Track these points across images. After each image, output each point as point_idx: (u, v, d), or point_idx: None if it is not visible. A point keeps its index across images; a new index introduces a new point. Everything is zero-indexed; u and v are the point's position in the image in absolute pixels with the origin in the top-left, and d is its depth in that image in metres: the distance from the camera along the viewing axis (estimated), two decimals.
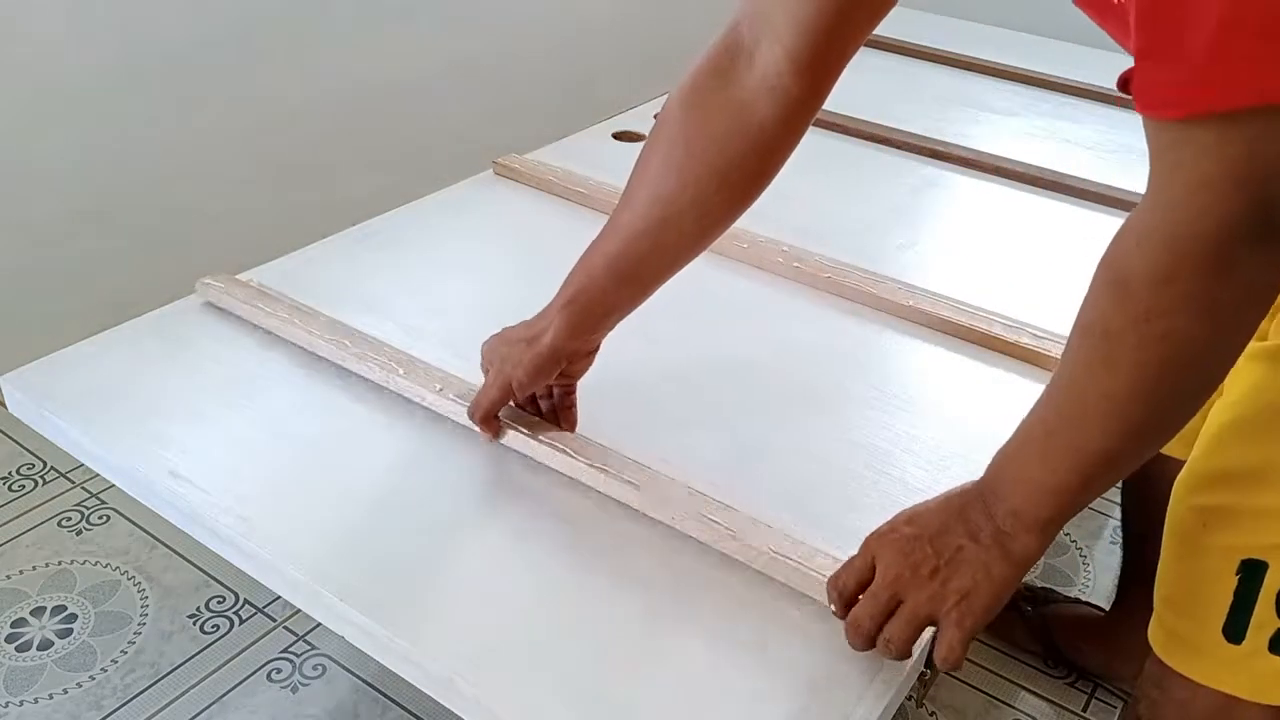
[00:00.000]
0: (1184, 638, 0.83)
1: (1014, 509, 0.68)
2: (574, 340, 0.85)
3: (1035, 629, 1.37)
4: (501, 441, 0.90)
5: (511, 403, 0.89)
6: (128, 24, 1.67)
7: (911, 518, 0.71)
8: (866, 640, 0.71)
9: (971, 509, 0.70)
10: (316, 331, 1.01)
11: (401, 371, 0.97)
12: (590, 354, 0.89)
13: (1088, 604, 1.42)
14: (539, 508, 0.87)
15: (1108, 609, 1.39)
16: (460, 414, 0.92)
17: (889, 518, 0.76)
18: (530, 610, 0.77)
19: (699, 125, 0.80)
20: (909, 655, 0.70)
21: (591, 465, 0.87)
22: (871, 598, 0.70)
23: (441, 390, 0.94)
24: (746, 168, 0.81)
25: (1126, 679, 1.33)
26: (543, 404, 0.92)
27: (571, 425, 0.90)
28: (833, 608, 0.73)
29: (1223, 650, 0.80)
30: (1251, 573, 0.77)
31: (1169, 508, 0.84)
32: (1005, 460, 0.70)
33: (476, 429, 0.90)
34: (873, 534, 0.73)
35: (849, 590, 0.72)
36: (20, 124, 1.61)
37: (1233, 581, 0.78)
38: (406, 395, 0.96)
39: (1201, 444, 0.82)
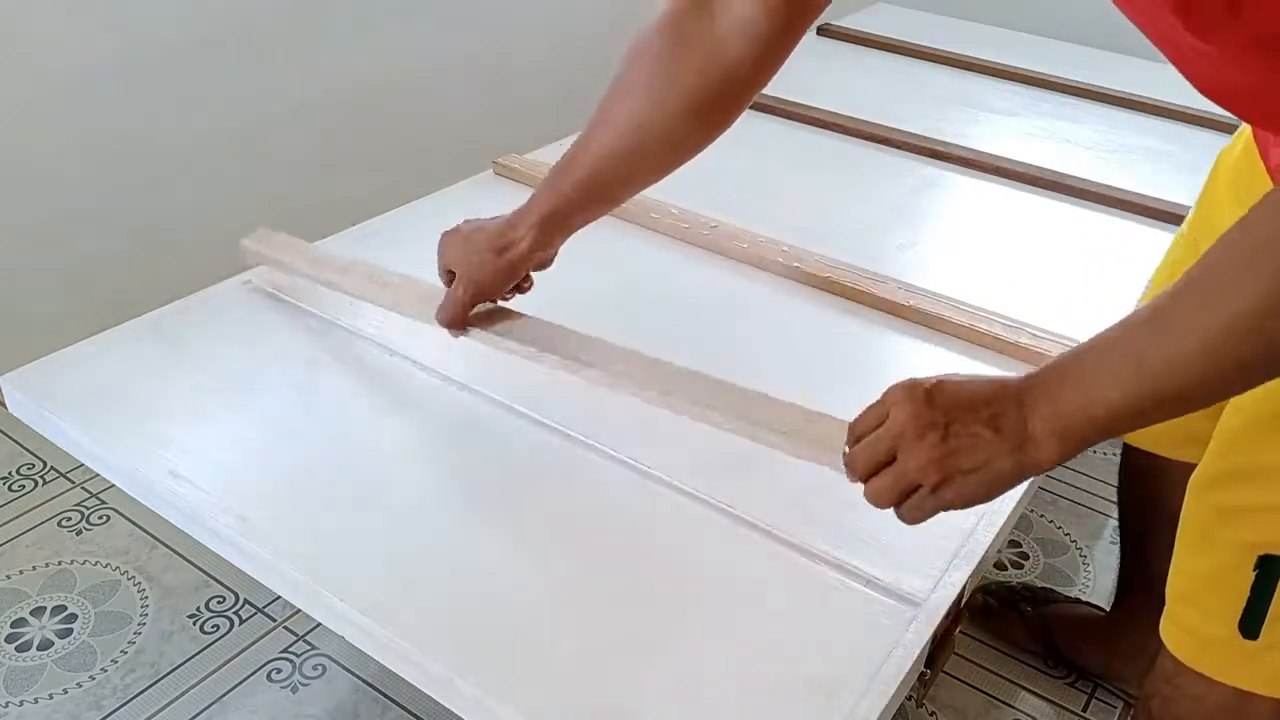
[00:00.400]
0: (1199, 634, 0.83)
1: (1053, 414, 0.64)
2: (544, 250, 0.91)
3: (1035, 629, 1.37)
4: (465, 337, 0.93)
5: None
6: (127, 24, 1.67)
7: (940, 386, 0.67)
8: (855, 476, 0.70)
9: (1005, 403, 0.65)
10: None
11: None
12: (550, 259, 0.94)
13: (1087, 604, 1.42)
14: (539, 509, 0.87)
15: (1107, 609, 1.39)
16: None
17: (883, 513, 0.76)
18: (530, 610, 0.77)
19: (675, 59, 0.83)
20: (886, 508, 0.69)
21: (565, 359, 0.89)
22: (871, 444, 0.68)
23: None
24: (718, 103, 0.85)
25: (1127, 679, 1.33)
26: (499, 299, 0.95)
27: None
28: (846, 448, 0.71)
29: (1238, 646, 0.80)
30: (1268, 568, 0.77)
31: (1184, 505, 0.84)
32: (1066, 370, 0.65)
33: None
34: (900, 383, 0.69)
35: (860, 432, 0.70)
36: (20, 124, 1.61)
37: (1250, 577, 0.78)
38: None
39: (1217, 442, 0.82)
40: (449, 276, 0.93)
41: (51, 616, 1.36)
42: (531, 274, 0.95)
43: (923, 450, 0.65)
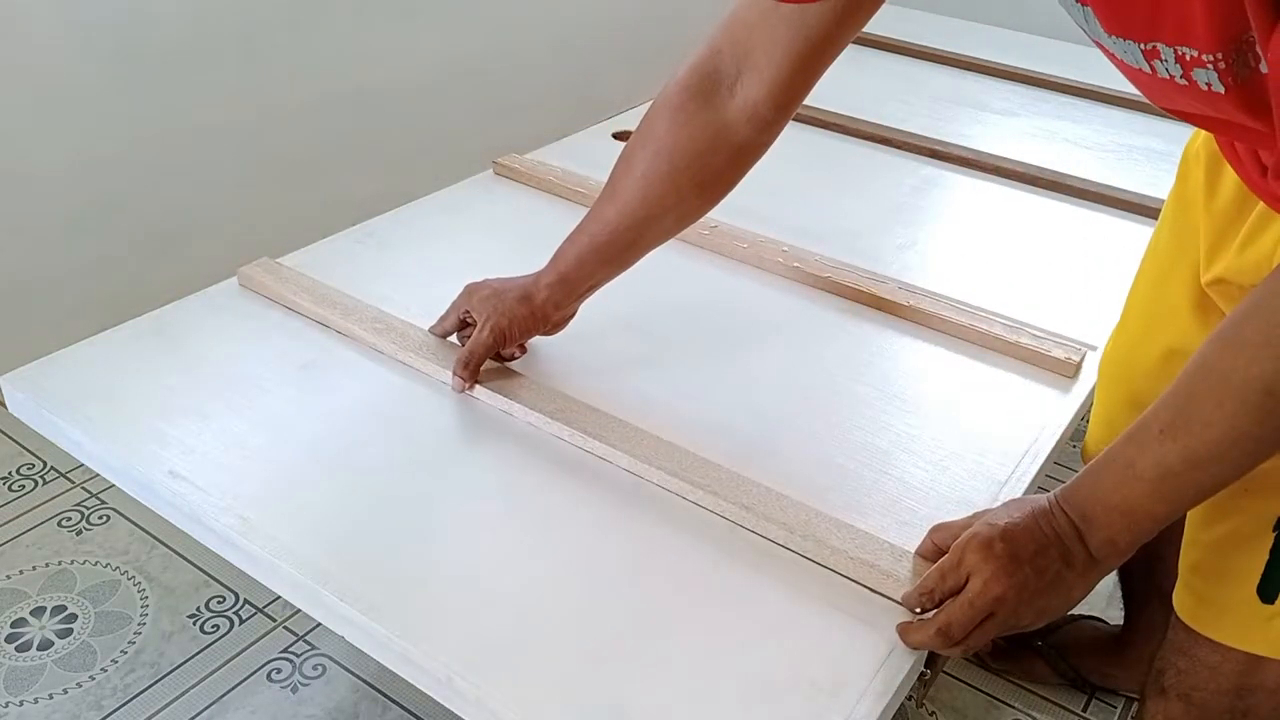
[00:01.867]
0: (1214, 601, 0.84)
1: (1111, 538, 0.71)
2: (560, 309, 1.00)
3: (1054, 661, 1.34)
4: (473, 394, 0.97)
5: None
6: (126, 24, 1.67)
7: (1005, 535, 0.72)
8: (950, 645, 0.73)
9: (1064, 535, 0.72)
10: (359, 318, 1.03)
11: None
12: (569, 318, 1.03)
13: (1090, 619, 1.39)
14: (540, 509, 0.87)
15: (1109, 621, 1.36)
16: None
17: (888, 509, 0.77)
18: (530, 610, 0.77)
19: (684, 142, 0.90)
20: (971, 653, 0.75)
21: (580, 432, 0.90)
22: (968, 608, 0.72)
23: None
24: (724, 178, 0.93)
25: None
26: (504, 353, 1.01)
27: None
28: (918, 610, 0.76)
29: (1256, 610, 0.80)
30: None
31: None
32: (1106, 492, 0.71)
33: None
34: (966, 544, 0.73)
35: (942, 596, 0.74)
36: (20, 124, 1.61)
37: (1269, 540, 0.79)
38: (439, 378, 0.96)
39: None
40: (461, 324, 1.01)
41: (51, 616, 1.36)
42: (524, 343, 1.02)
43: (1025, 609, 0.72)
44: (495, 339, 0.97)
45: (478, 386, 0.97)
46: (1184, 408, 0.67)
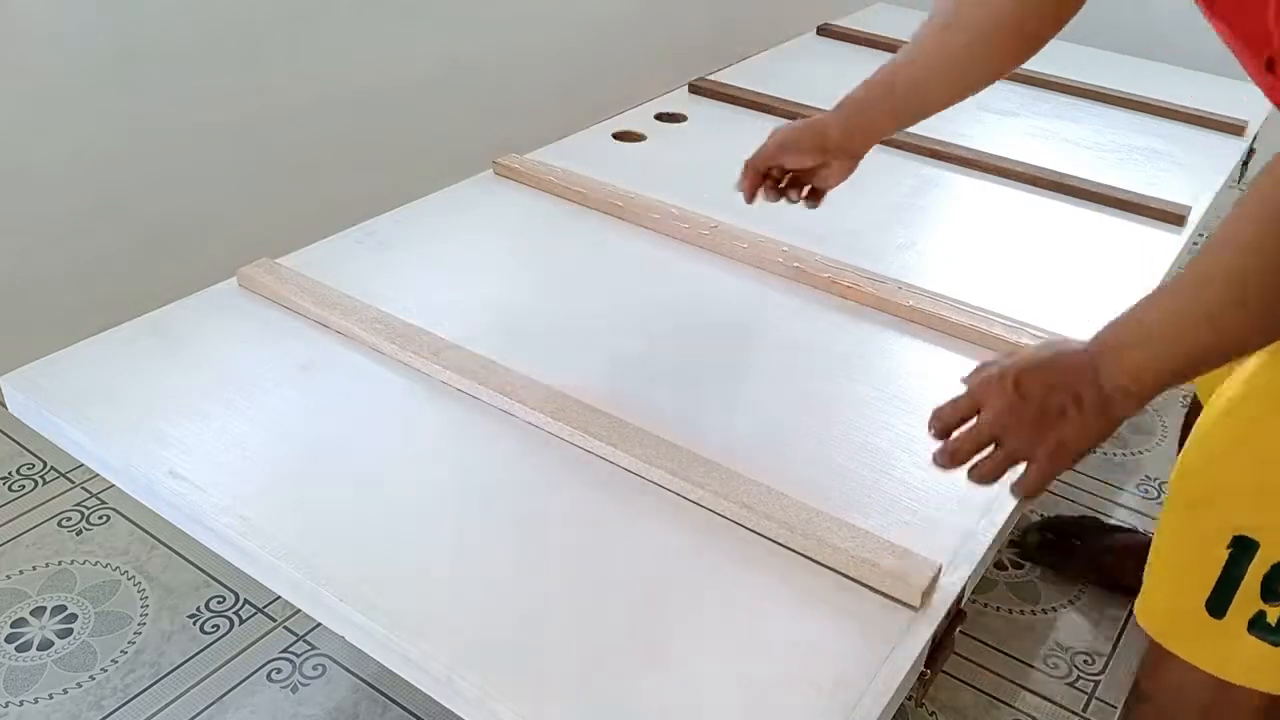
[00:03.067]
0: (1168, 608, 0.85)
1: (1128, 382, 0.73)
2: (844, 135, 1.05)
3: (1087, 560, 1.44)
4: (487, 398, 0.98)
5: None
6: (127, 23, 1.67)
7: (1020, 375, 0.76)
8: (955, 465, 0.78)
9: (1080, 375, 0.74)
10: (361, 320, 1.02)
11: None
12: (847, 162, 1.08)
13: (1128, 529, 1.49)
14: (540, 509, 0.87)
15: (1143, 531, 1.46)
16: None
17: (888, 509, 0.76)
18: (530, 610, 0.77)
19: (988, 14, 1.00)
20: (991, 484, 0.78)
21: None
22: (975, 434, 0.77)
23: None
24: (1019, 47, 1.03)
25: None
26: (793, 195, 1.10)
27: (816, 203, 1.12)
28: (930, 431, 0.80)
29: (1205, 623, 0.81)
30: (1242, 550, 0.79)
31: (1169, 486, 0.85)
32: (1129, 336, 0.74)
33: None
34: (980, 378, 0.78)
35: (950, 424, 0.79)
36: (20, 123, 1.61)
37: (1223, 556, 0.79)
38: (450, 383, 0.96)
39: (1206, 417, 0.83)
40: (760, 178, 1.08)
41: (51, 616, 1.36)
42: (820, 197, 1.10)
43: (1026, 436, 0.75)
44: (778, 149, 1.05)
45: (479, 386, 0.96)
46: (1199, 257, 0.71)
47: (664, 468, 0.87)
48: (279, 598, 1.30)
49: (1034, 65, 1.86)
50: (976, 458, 0.77)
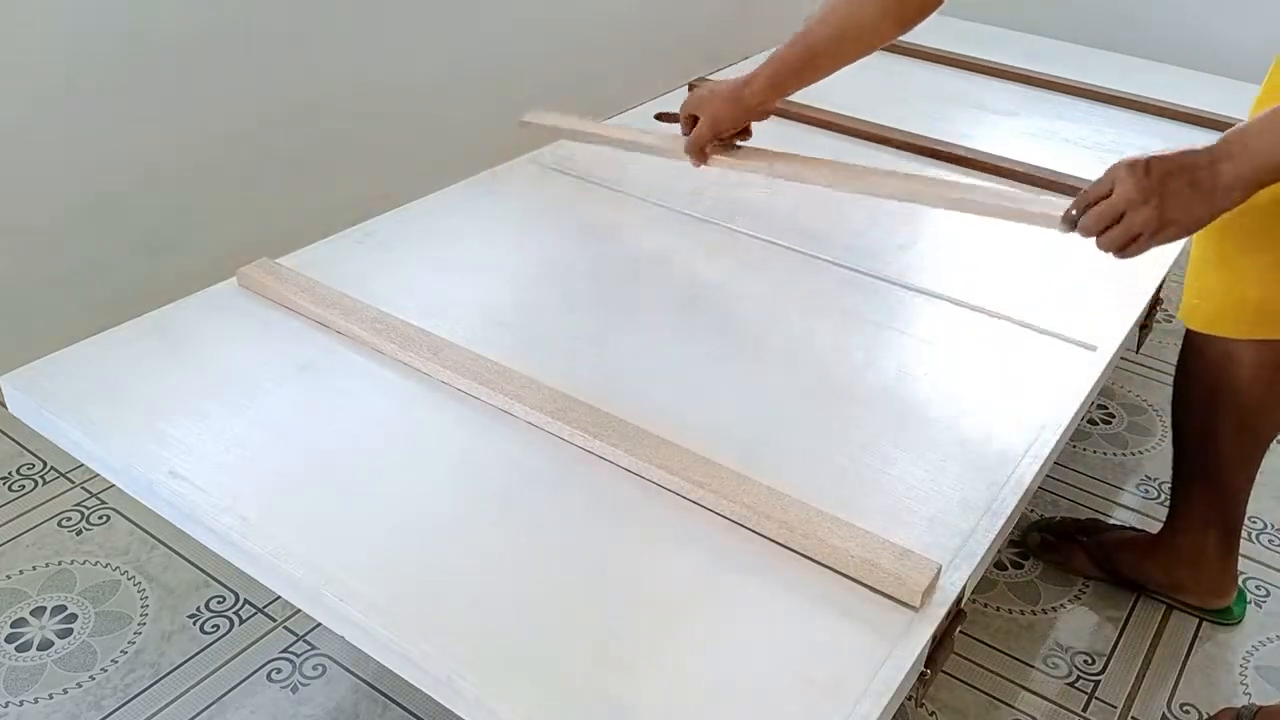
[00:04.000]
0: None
1: (1235, 172, 0.91)
2: (765, 104, 1.24)
3: (1094, 556, 1.47)
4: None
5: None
6: (128, 25, 1.67)
7: (1151, 161, 0.94)
8: (1084, 234, 0.99)
9: (1199, 168, 0.92)
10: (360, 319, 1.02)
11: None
12: (769, 113, 1.29)
13: (1133, 529, 1.52)
14: (540, 509, 0.87)
15: (1145, 530, 1.49)
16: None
17: (888, 509, 0.77)
18: (530, 610, 0.77)
19: None
20: (1113, 252, 0.97)
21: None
22: (1105, 211, 0.96)
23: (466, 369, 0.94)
24: (915, 4, 1.18)
25: (1188, 588, 1.41)
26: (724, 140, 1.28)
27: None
28: (1073, 211, 0.99)
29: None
30: None
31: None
32: (1238, 139, 0.92)
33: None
34: (1122, 162, 0.96)
35: (1089, 201, 0.98)
36: (21, 124, 1.61)
37: None
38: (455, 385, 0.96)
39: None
40: (689, 122, 1.27)
41: (51, 616, 1.36)
42: (750, 125, 1.28)
43: (1147, 210, 0.93)
44: (712, 131, 1.24)
45: (479, 386, 0.96)
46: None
47: (664, 468, 0.88)
48: (279, 598, 1.30)
49: (1034, 65, 1.88)
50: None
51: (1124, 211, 0.94)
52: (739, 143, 1.28)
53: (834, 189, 1.24)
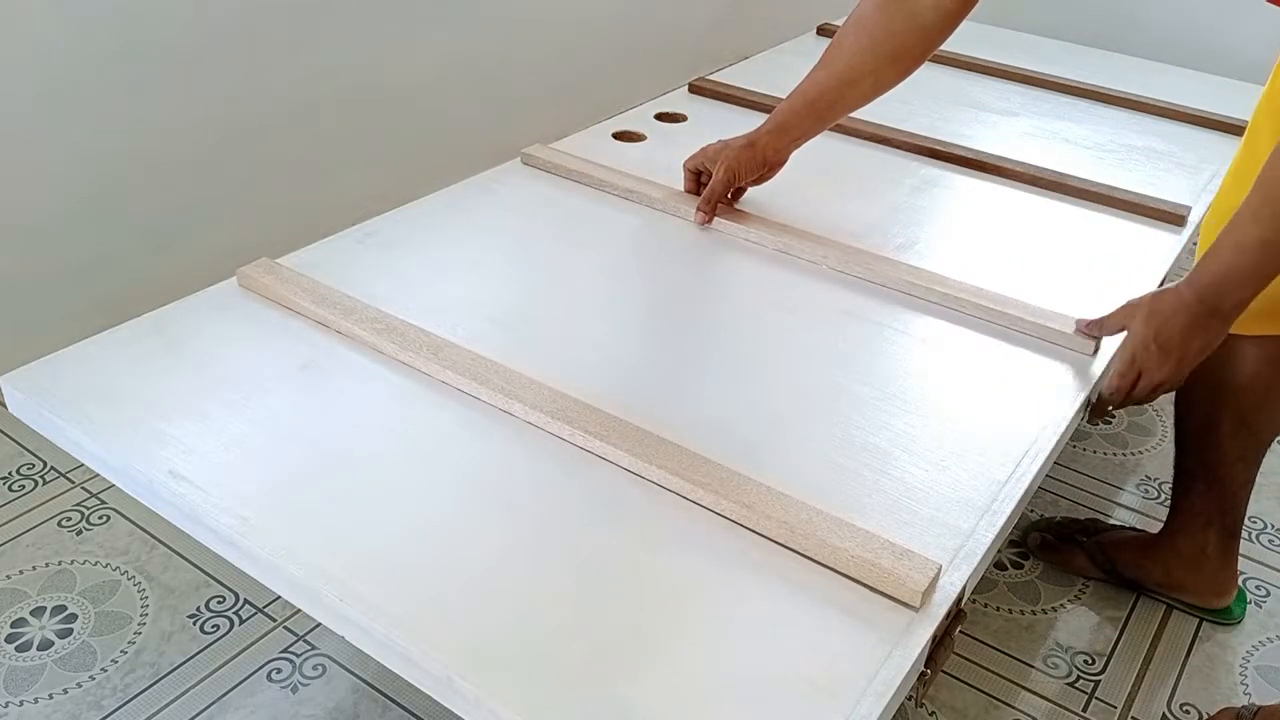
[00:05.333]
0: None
1: (1236, 304, 1.00)
2: (778, 154, 1.29)
3: (1094, 556, 1.48)
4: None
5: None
6: (126, 23, 1.67)
7: (1157, 334, 1.02)
8: (1119, 402, 1.07)
9: (1196, 320, 1.01)
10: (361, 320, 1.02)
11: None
12: (782, 163, 1.31)
13: (1133, 529, 1.53)
14: (540, 508, 0.87)
15: (1145, 530, 1.51)
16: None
17: (888, 509, 0.76)
18: (530, 610, 0.77)
19: (884, 25, 1.21)
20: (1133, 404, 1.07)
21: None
22: (1120, 378, 1.05)
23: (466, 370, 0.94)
24: (913, 55, 1.23)
25: (1188, 588, 1.43)
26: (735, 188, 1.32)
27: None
28: (1110, 389, 1.06)
29: None
30: None
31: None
32: (1227, 281, 0.99)
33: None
34: (1135, 343, 1.04)
35: (1124, 389, 1.06)
36: (20, 123, 1.61)
37: None
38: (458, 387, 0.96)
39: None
40: (694, 178, 1.32)
41: (51, 616, 1.36)
42: (748, 186, 1.32)
43: (1168, 369, 1.03)
44: (727, 182, 1.26)
45: (479, 386, 0.96)
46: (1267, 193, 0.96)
47: (664, 467, 0.88)
48: (279, 598, 1.30)
49: (1034, 65, 1.88)
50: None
51: (1140, 370, 1.04)
52: (735, 205, 1.32)
53: (840, 271, 1.22)
